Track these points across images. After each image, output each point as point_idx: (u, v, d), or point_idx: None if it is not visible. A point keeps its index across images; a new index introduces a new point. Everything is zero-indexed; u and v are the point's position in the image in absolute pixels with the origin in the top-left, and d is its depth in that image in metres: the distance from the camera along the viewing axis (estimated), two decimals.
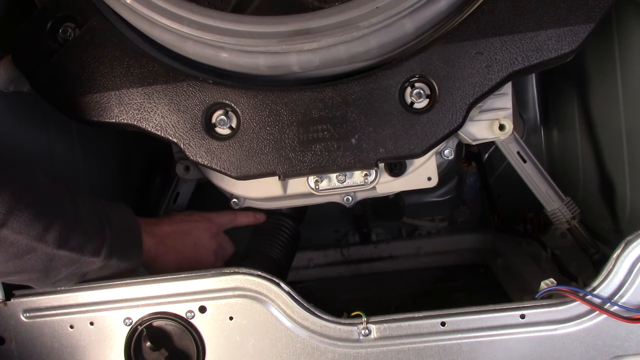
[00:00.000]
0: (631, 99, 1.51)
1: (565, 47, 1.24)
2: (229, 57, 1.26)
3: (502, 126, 1.49)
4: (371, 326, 1.27)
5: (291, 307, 1.27)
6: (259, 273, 1.29)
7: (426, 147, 1.28)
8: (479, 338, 1.25)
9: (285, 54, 1.23)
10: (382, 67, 1.27)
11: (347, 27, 1.17)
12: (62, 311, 1.31)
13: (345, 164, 1.30)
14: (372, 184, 1.46)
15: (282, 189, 1.49)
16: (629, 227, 1.54)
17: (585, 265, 1.64)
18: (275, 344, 1.28)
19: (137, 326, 1.30)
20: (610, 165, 1.68)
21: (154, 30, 1.28)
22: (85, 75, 1.32)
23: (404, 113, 1.27)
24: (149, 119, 1.32)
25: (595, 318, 1.23)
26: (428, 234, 2.27)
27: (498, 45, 1.24)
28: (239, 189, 1.53)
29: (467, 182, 2.09)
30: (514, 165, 1.64)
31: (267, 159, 1.30)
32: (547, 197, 1.65)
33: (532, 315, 1.24)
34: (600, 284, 1.23)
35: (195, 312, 1.29)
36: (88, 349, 1.31)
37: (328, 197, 1.52)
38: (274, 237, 1.70)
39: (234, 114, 1.30)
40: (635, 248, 1.21)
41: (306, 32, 1.17)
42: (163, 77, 1.30)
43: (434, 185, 1.51)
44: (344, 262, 2.20)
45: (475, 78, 1.25)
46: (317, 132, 1.29)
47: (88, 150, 1.75)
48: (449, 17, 1.26)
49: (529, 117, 2.14)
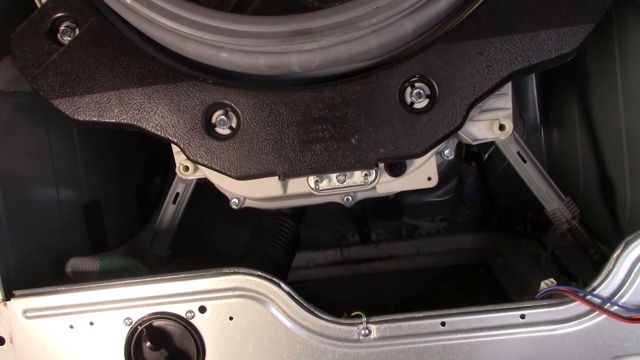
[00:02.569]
0: (631, 99, 1.51)
1: (565, 47, 1.24)
2: (229, 57, 1.26)
3: (502, 126, 1.49)
4: (371, 326, 1.27)
5: (291, 307, 1.27)
6: (259, 273, 1.29)
7: (426, 147, 1.28)
8: (479, 338, 1.25)
9: (285, 54, 1.23)
10: (382, 67, 1.27)
11: (347, 27, 1.17)
12: (62, 311, 1.31)
13: (345, 164, 1.30)
14: (372, 184, 1.46)
15: (282, 189, 1.49)
16: (629, 227, 1.54)
17: (585, 265, 1.64)
18: (275, 344, 1.28)
19: (137, 326, 1.30)
20: (610, 165, 1.68)
21: (154, 31, 1.28)
22: (85, 75, 1.32)
23: (404, 113, 1.27)
24: (149, 119, 1.32)
25: (595, 318, 1.23)
26: (428, 234, 2.27)
27: (498, 45, 1.24)
28: (239, 189, 1.53)
29: (467, 182, 2.09)
30: (514, 165, 1.64)
31: (267, 159, 1.30)
32: (547, 197, 1.65)
33: (532, 315, 1.24)
34: (600, 284, 1.23)
35: (195, 312, 1.29)
36: (88, 349, 1.31)
37: (328, 197, 1.52)
38: (274, 237, 1.70)
39: (234, 114, 1.30)
40: (635, 248, 1.22)
41: (306, 32, 1.17)
42: (163, 77, 1.30)
43: (434, 185, 1.51)
44: (344, 262, 2.20)
45: (475, 78, 1.25)
46: (317, 132, 1.29)
47: (88, 150, 1.75)
48: (449, 17, 1.26)
49: (529, 117, 2.15)
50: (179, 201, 1.77)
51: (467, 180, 2.08)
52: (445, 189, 2.24)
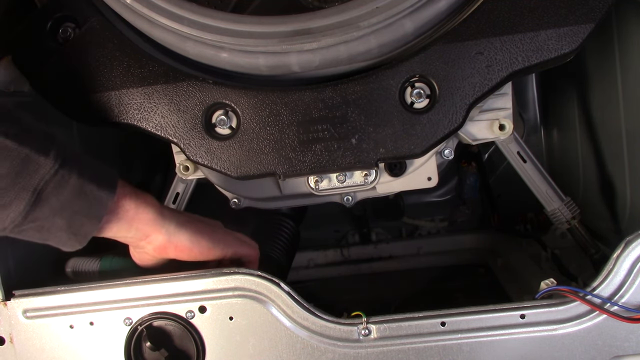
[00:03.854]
0: (631, 99, 1.51)
1: (565, 47, 1.24)
2: (229, 57, 1.26)
3: (502, 126, 1.49)
4: (371, 326, 1.26)
5: (291, 307, 1.27)
6: (259, 273, 1.28)
7: (426, 147, 1.28)
8: (479, 338, 1.25)
9: (285, 54, 1.23)
10: (382, 67, 1.27)
11: (347, 27, 1.17)
12: (62, 311, 1.31)
13: (345, 164, 1.30)
14: (372, 184, 1.46)
15: (283, 188, 1.49)
16: (629, 227, 1.54)
17: (585, 265, 1.64)
18: (275, 344, 1.28)
19: (137, 326, 1.30)
20: (610, 165, 1.68)
21: (154, 30, 1.28)
22: (86, 75, 1.32)
23: (404, 113, 1.27)
24: (149, 119, 1.32)
25: (595, 318, 1.22)
26: (428, 234, 2.27)
27: (498, 45, 1.24)
28: (239, 189, 1.53)
29: (467, 182, 2.09)
30: (514, 165, 1.64)
31: (267, 159, 1.30)
32: (547, 197, 1.65)
33: (532, 315, 1.24)
34: (600, 284, 1.22)
35: (195, 312, 1.29)
36: (88, 349, 1.31)
37: (328, 197, 1.52)
38: (274, 238, 1.70)
39: (234, 114, 1.30)
40: (635, 248, 1.21)
41: (306, 32, 1.17)
42: (163, 77, 1.30)
43: (434, 185, 1.51)
44: (344, 262, 2.20)
45: (475, 78, 1.25)
46: (317, 132, 1.29)
47: (88, 150, 1.75)
48: (449, 17, 1.26)
49: (529, 117, 2.14)
50: (179, 201, 1.77)
51: (467, 180, 2.08)
52: (445, 189, 2.24)
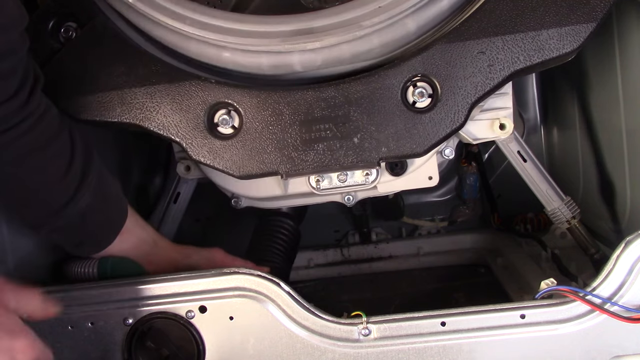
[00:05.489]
0: (631, 99, 1.51)
1: (566, 47, 1.24)
2: (232, 57, 1.26)
3: (503, 125, 1.49)
4: (371, 326, 1.26)
5: (291, 307, 1.27)
6: (259, 273, 1.28)
7: (428, 147, 1.28)
8: (479, 338, 1.25)
9: (287, 54, 1.23)
10: (385, 67, 1.28)
11: (349, 26, 1.17)
12: (62, 311, 1.31)
13: (347, 163, 1.30)
14: (373, 183, 1.46)
15: (283, 188, 1.49)
16: (629, 227, 1.54)
17: (585, 265, 1.64)
18: (275, 344, 1.28)
19: (137, 326, 1.29)
20: (610, 165, 1.69)
21: (156, 30, 1.28)
22: (88, 74, 1.32)
23: (406, 112, 1.28)
24: (151, 119, 1.32)
25: (595, 318, 1.22)
26: (428, 234, 2.26)
27: (500, 44, 1.25)
28: (240, 188, 1.53)
29: (467, 182, 2.09)
30: (514, 165, 1.64)
31: (269, 158, 1.30)
32: (547, 196, 1.66)
33: (532, 315, 1.24)
34: (600, 284, 1.22)
35: (195, 312, 1.29)
36: (88, 349, 1.31)
37: (329, 196, 1.52)
38: (274, 238, 1.70)
39: (236, 113, 1.30)
40: (635, 248, 1.21)
41: (309, 31, 1.17)
42: (165, 76, 1.30)
43: (435, 184, 1.51)
44: (344, 262, 2.19)
45: (477, 77, 1.25)
46: (320, 132, 1.29)
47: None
48: (451, 16, 1.26)
49: (529, 117, 2.15)
50: (180, 201, 1.77)
51: (467, 180, 2.08)
52: (445, 189, 2.24)
